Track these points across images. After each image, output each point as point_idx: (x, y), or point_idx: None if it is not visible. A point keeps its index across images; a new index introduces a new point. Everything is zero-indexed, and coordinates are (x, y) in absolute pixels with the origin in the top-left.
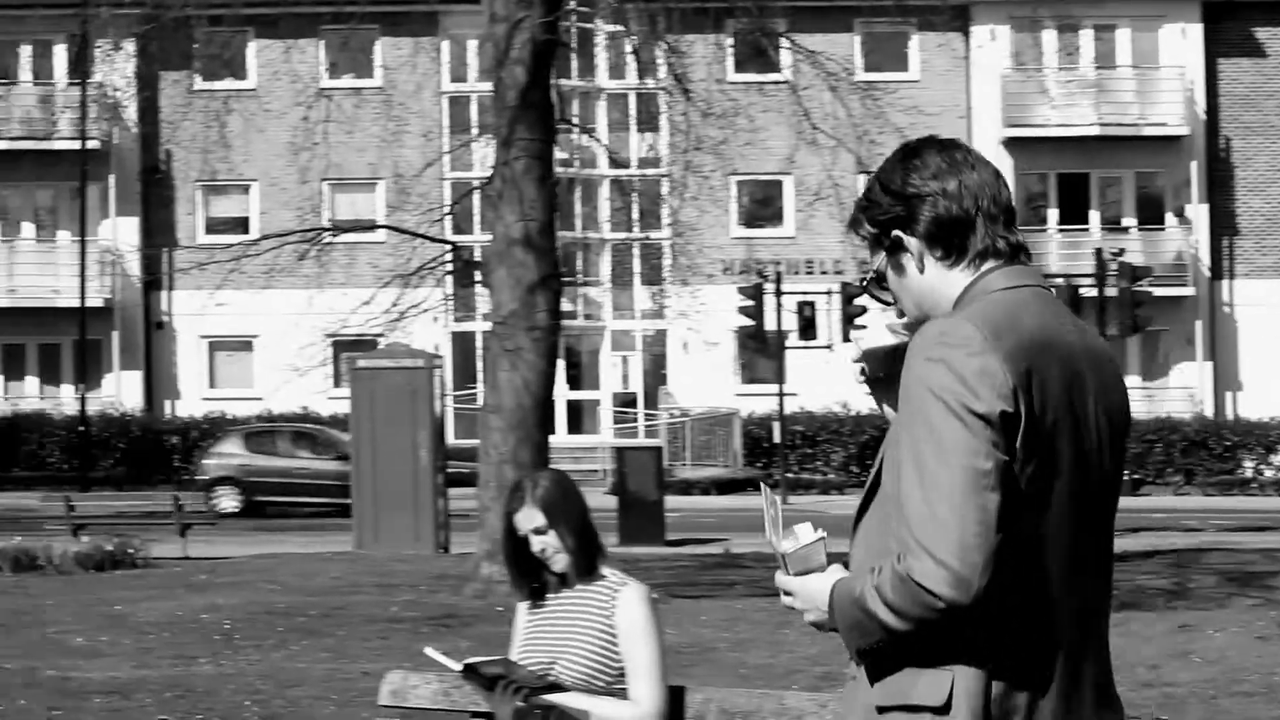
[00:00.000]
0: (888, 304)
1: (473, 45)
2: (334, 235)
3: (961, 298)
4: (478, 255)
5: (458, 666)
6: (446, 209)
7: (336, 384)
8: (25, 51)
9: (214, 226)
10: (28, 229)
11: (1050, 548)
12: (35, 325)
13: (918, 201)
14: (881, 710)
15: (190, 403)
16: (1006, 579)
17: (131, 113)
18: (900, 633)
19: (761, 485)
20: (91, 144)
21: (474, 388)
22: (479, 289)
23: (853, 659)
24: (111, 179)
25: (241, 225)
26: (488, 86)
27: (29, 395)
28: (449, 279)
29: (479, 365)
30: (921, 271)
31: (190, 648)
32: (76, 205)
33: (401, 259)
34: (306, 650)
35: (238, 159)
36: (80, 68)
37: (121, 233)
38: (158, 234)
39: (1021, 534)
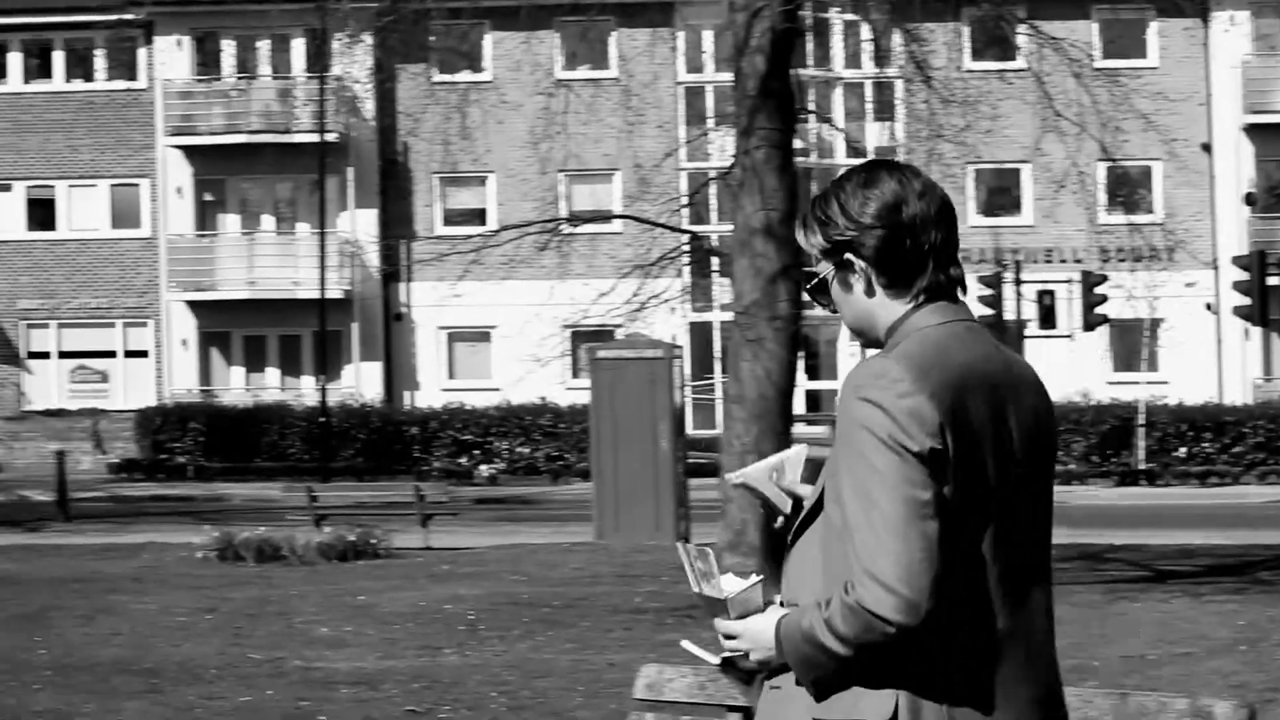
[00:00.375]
0: (825, 306)
1: (708, 35)
2: (573, 226)
3: (895, 328)
4: (716, 244)
5: (715, 660)
6: (685, 199)
7: (575, 374)
8: (264, 46)
9: (452, 218)
10: (268, 221)
11: (986, 569)
12: (276, 317)
13: (872, 230)
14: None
15: (429, 394)
16: (946, 602)
17: (370, 105)
18: (850, 661)
19: (679, 546)
20: (330, 137)
21: (711, 378)
22: (718, 279)
23: (808, 690)
24: (350, 171)
25: (479, 217)
26: (724, 76)
27: (270, 386)
28: (687, 269)
29: (716, 355)
30: (869, 295)
31: (435, 638)
32: (316, 198)
33: (641, 249)
34: (551, 641)
35: (477, 150)
36: (319, 61)
37: (360, 225)
38: (396, 226)
39: (957, 558)
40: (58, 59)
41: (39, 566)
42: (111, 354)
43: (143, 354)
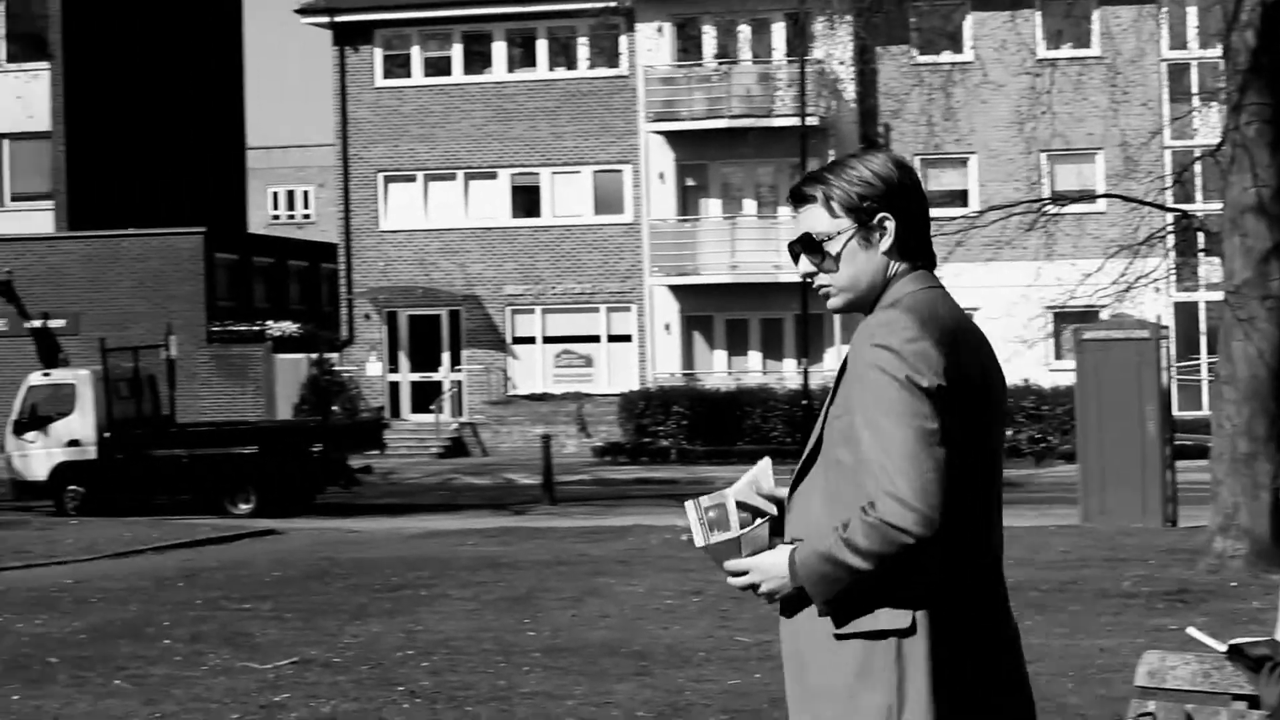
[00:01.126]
0: (816, 263)
1: (1192, 10)
2: (1059, 206)
3: (885, 289)
4: (1205, 223)
5: (1222, 647)
6: (1173, 177)
7: (1058, 356)
8: (744, 30)
9: (933, 200)
10: (749, 205)
11: (978, 497)
12: (758, 301)
13: (908, 195)
14: (841, 638)
15: None
16: (953, 522)
17: (851, 88)
18: (868, 577)
19: (688, 504)
20: (811, 120)
21: (1196, 359)
22: (1203, 258)
23: (821, 611)
24: (831, 154)
25: (960, 198)
26: (1210, 52)
27: (751, 370)
28: (1172, 249)
29: (1202, 336)
30: (888, 255)
31: None
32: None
33: (1128, 229)
34: (1039, 625)
35: (960, 131)
36: (800, 44)
37: None
38: None
39: (959, 485)
40: (541, 48)
41: (526, 549)
42: (595, 339)
43: (626, 338)
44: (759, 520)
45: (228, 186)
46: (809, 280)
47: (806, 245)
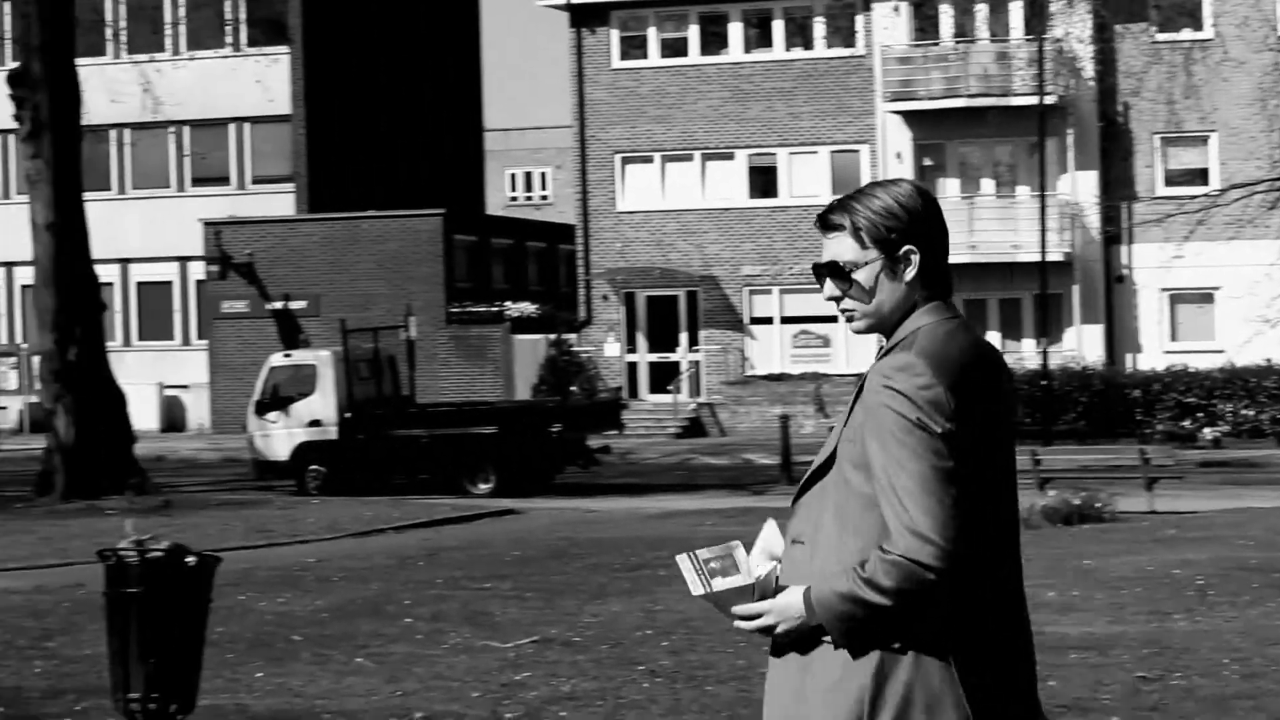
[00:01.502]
0: (843, 288)
1: None
2: None
3: (903, 319)
4: None
5: None
6: None
7: None
8: (981, 9)
9: (1172, 178)
10: (987, 185)
11: (989, 528)
12: (996, 280)
13: (930, 225)
14: (851, 653)
15: (1150, 356)
16: (969, 554)
17: (1089, 66)
18: (889, 613)
19: (680, 558)
20: (1049, 99)
21: None
22: None
23: (840, 643)
24: (1070, 133)
25: (1200, 177)
26: None
27: None
28: None
29: None
30: (911, 285)
31: (1164, 603)
32: (1035, 160)
33: None
34: None
35: (1201, 109)
36: (1038, 23)
37: (1080, 187)
38: (1117, 187)
39: (970, 520)
40: (777, 28)
41: None
42: (833, 319)
43: None
44: (768, 568)
45: (466, 168)
46: (834, 303)
47: (833, 271)
